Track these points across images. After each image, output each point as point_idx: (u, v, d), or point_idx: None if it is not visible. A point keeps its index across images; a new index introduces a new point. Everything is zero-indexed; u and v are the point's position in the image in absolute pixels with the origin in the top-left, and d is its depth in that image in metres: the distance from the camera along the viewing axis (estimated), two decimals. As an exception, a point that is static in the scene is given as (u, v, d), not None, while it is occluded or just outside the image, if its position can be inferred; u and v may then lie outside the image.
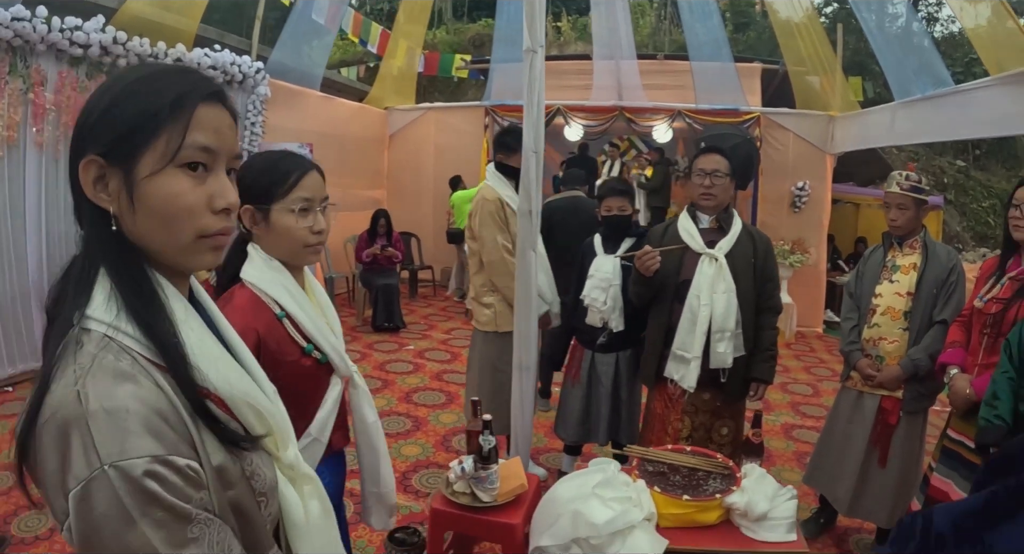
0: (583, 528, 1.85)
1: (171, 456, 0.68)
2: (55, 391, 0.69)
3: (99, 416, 0.66)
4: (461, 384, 5.06)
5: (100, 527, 0.64)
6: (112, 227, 0.77)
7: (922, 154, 13.09)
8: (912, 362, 2.66)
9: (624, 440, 3.17)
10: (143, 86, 0.77)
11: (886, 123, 6.27)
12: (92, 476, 0.64)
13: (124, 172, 0.75)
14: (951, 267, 2.67)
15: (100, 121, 0.76)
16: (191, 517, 0.68)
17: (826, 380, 5.82)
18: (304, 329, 1.44)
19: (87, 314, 0.74)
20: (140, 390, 0.70)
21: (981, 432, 1.97)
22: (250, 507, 0.82)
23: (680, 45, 12.70)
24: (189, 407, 0.74)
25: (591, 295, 3.08)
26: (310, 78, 7.28)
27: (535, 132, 2.60)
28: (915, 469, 2.76)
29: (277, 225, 1.44)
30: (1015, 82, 4.36)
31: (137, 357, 0.73)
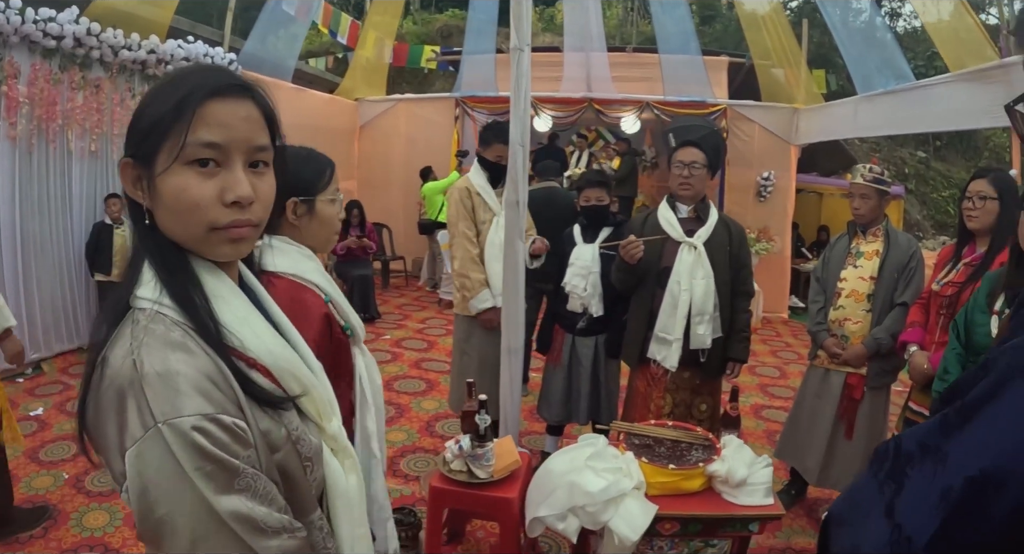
0: (579, 497, 1.97)
1: (219, 414, 0.74)
2: (112, 362, 0.76)
3: (152, 379, 0.72)
4: (440, 371, 5.18)
5: (155, 482, 0.70)
6: (146, 221, 0.83)
7: (884, 145, 13.49)
8: (875, 341, 2.85)
9: (604, 419, 3.32)
10: (161, 89, 0.83)
11: (849, 116, 6.48)
12: (147, 434, 0.70)
13: (147, 171, 0.81)
14: (911, 253, 2.86)
15: (131, 126, 0.84)
16: (238, 471, 0.74)
17: (792, 363, 6.05)
18: (341, 309, 1.54)
19: (137, 294, 0.81)
20: (190, 357, 0.76)
21: (934, 403, 2.13)
22: (296, 470, 0.87)
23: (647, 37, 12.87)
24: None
25: (572, 282, 3.21)
26: (282, 69, 7.26)
27: (521, 126, 2.69)
28: (879, 440, 2.94)
29: (322, 215, 1.54)
30: (973, 79, 4.57)
31: (187, 329, 0.79)
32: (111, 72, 5.04)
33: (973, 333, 2.08)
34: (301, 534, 0.82)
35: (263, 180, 0.86)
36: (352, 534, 1.00)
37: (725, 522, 2.10)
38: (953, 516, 0.64)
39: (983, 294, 2.11)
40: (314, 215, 1.54)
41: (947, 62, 5.23)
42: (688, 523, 2.09)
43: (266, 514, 0.76)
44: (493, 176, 3.30)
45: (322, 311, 1.47)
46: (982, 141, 14.67)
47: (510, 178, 2.77)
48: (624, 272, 2.85)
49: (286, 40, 7.59)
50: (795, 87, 7.71)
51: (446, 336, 6.19)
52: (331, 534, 0.96)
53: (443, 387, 4.83)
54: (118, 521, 2.91)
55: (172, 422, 0.70)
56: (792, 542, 2.98)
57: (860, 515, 0.77)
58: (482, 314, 3.25)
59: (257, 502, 0.75)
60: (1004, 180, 2.42)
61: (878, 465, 0.77)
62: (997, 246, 2.37)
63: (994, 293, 2.07)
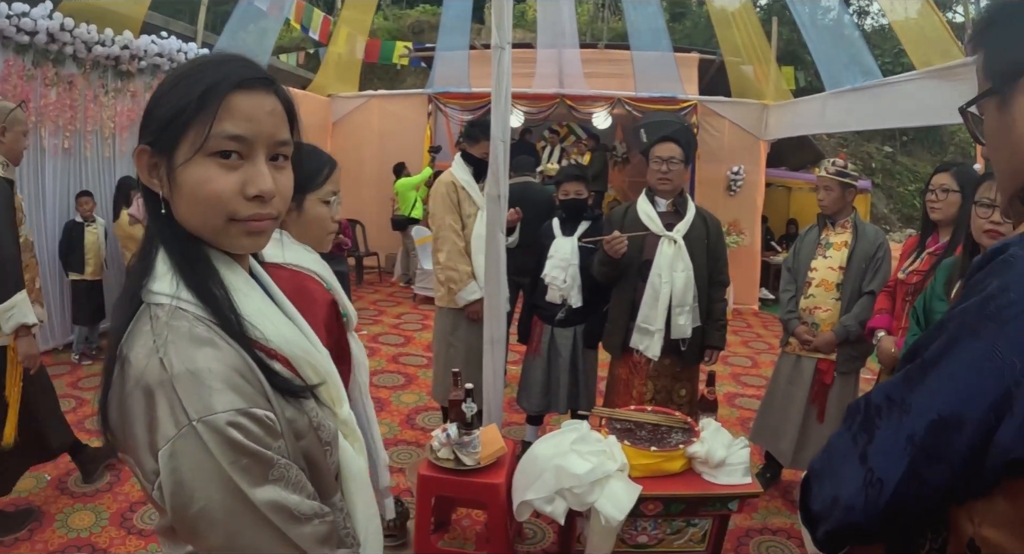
0: (566, 480, 2.04)
1: (252, 408, 0.74)
2: (135, 361, 0.75)
3: (184, 378, 0.72)
4: (418, 365, 5.21)
5: (190, 478, 0.70)
6: (163, 210, 0.83)
7: (851, 140, 13.80)
8: (844, 328, 2.97)
9: (583, 407, 3.40)
10: (184, 78, 0.81)
11: (817, 111, 6.63)
12: (181, 432, 0.70)
13: (167, 160, 0.80)
14: (878, 244, 2.99)
15: (149, 113, 0.83)
16: (272, 462, 0.75)
17: (763, 353, 6.20)
18: (338, 296, 1.58)
19: (151, 288, 0.80)
20: (218, 352, 0.76)
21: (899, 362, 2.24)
22: (318, 456, 0.88)
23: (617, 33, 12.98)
24: None
25: (551, 274, 3.27)
26: (255, 65, 7.18)
27: (503, 123, 2.75)
28: None
29: (309, 213, 1.54)
30: (939, 76, 4.72)
31: (210, 324, 0.79)
32: (84, 68, 4.98)
33: (932, 319, 2.19)
34: (330, 518, 0.83)
35: (283, 174, 0.86)
36: (367, 513, 1.02)
37: (706, 501, 2.19)
38: (918, 457, 0.71)
39: (940, 282, 2.22)
40: (301, 213, 1.54)
41: (913, 60, 5.38)
42: (671, 503, 2.16)
43: (299, 502, 0.77)
44: (477, 171, 3.35)
45: (327, 298, 1.50)
46: (947, 136, 15.09)
47: (491, 173, 2.82)
48: (607, 266, 2.93)
49: (258, 36, 7.52)
50: (764, 83, 7.86)
51: (422, 331, 6.22)
52: (348, 515, 0.99)
53: (422, 381, 4.87)
54: (104, 521, 2.89)
55: (207, 419, 0.70)
56: (768, 522, 3.08)
57: (836, 465, 0.83)
58: (470, 306, 3.30)
59: (290, 491, 0.76)
60: (966, 174, 2.54)
61: (851, 420, 0.84)
62: (959, 236, 2.48)
63: (951, 280, 2.18)
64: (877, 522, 0.76)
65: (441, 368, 3.51)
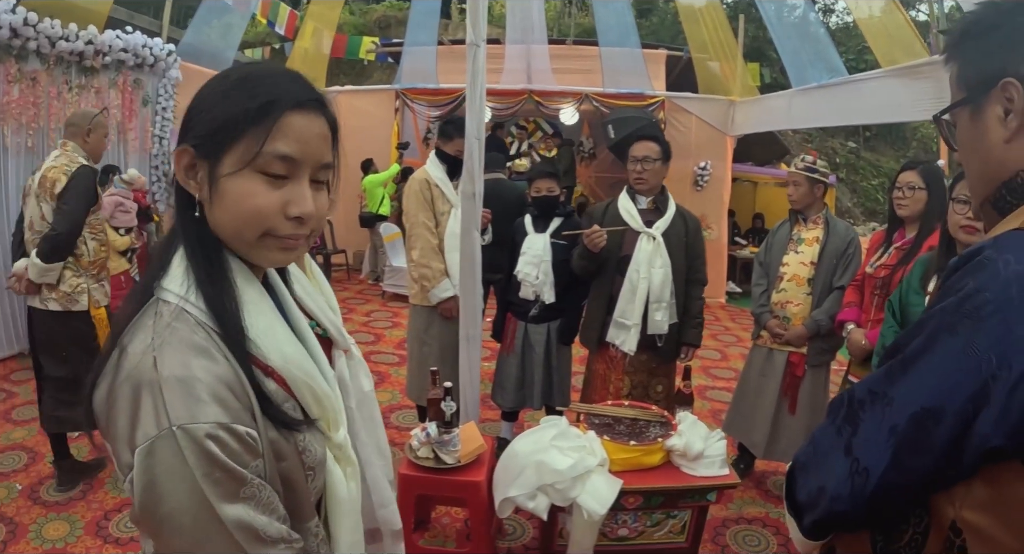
0: (547, 475, 2.05)
1: (234, 424, 0.73)
2: (132, 354, 0.75)
3: (172, 383, 0.72)
4: (390, 364, 5.18)
5: (162, 480, 0.70)
6: (196, 213, 0.83)
7: (816, 136, 14.08)
8: (815, 322, 3.04)
9: (557, 403, 3.43)
10: (240, 87, 0.81)
11: (783, 108, 6.74)
12: (160, 435, 0.70)
13: (210, 166, 0.80)
14: (849, 240, 3.06)
15: (198, 115, 0.82)
16: (246, 480, 0.74)
17: (732, 345, 6.29)
18: (305, 306, 1.53)
19: (163, 285, 0.81)
20: (212, 363, 0.76)
21: (880, 359, 2.30)
22: (298, 479, 0.87)
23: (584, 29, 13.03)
24: None
25: (524, 270, 3.28)
26: (222, 61, 7.06)
27: (477, 120, 2.74)
28: (821, 414, 3.13)
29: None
30: (904, 74, 4.83)
31: (210, 331, 0.79)
32: (48, 64, 4.83)
33: (908, 312, 2.25)
34: (298, 545, 0.82)
35: (321, 195, 0.87)
36: (351, 540, 1.01)
37: (685, 493, 2.22)
38: (902, 447, 0.74)
39: (916, 277, 2.28)
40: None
41: (878, 58, 5.50)
42: (651, 496, 2.19)
43: (267, 523, 0.76)
44: (451, 169, 3.34)
45: None
46: (910, 132, 15.52)
47: (466, 170, 2.81)
48: (586, 259, 2.95)
49: (224, 31, 7.39)
50: (731, 80, 7.95)
51: (392, 328, 6.18)
52: (326, 541, 0.97)
53: (394, 379, 4.84)
54: (79, 530, 2.81)
55: (187, 427, 0.70)
56: (744, 512, 3.14)
57: (821, 457, 0.86)
58: (443, 303, 3.29)
59: (260, 511, 0.76)
60: (932, 172, 2.61)
61: (835, 414, 0.88)
62: (925, 231, 2.56)
63: (927, 275, 2.24)
64: (863, 510, 0.79)
65: (416, 366, 3.49)
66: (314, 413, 0.91)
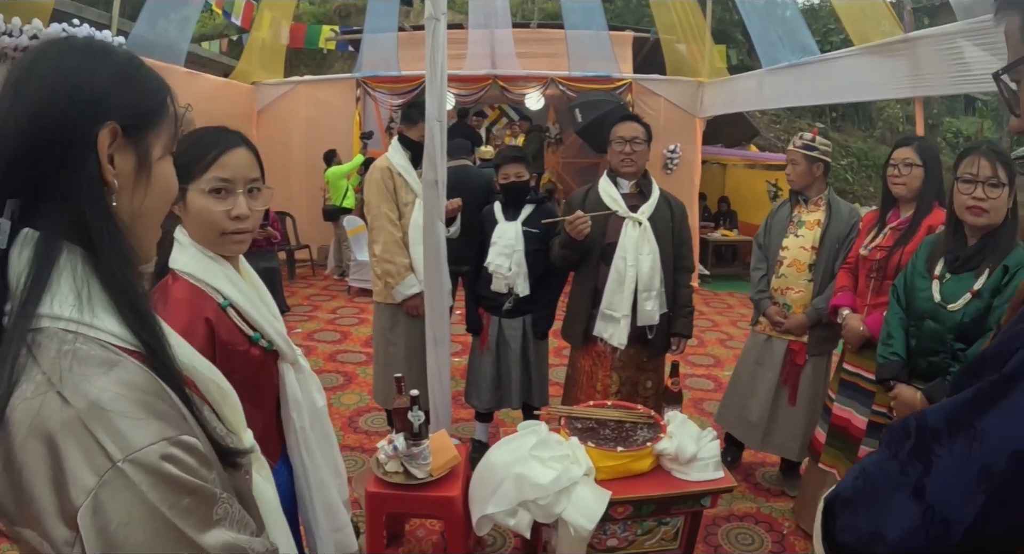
0: (529, 491, 1.86)
1: (182, 435, 0.62)
2: (20, 406, 0.59)
3: (95, 412, 0.58)
4: (357, 363, 4.97)
5: (124, 535, 0.56)
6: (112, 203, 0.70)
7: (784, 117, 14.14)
8: (816, 311, 2.88)
9: (536, 401, 3.25)
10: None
11: (754, 88, 6.63)
12: (104, 479, 0.56)
13: None
14: (852, 224, 2.88)
15: None
16: (215, 498, 0.64)
17: (708, 330, 6.18)
18: (249, 317, 1.33)
19: (44, 312, 0.63)
20: (127, 374, 0.63)
21: (881, 368, 2.17)
22: (245, 489, 0.80)
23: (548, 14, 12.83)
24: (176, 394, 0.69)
25: (495, 262, 3.08)
26: (174, 53, 6.75)
27: (438, 100, 2.52)
28: (820, 406, 2.98)
29: (192, 207, 1.29)
30: (876, 52, 4.75)
31: (107, 345, 0.64)
32: (-9, 60, 4.48)
33: (914, 298, 2.11)
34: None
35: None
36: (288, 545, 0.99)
37: (678, 500, 2.05)
38: (998, 495, 0.59)
39: (922, 260, 2.14)
40: (185, 207, 1.30)
41: (851, 36, 5.41)
42: (641, 505, 2.02)
43: (249, 541, 0.67)
44: (415, 156, 3.10)
45: (201, 317, 1.25)
46: (876, 112, 15.68)
47: (427, 156, 2.61)
48: (569, 249, 2.74)
49: (177, 22, 7.06)
50: (699, 61, 7.83)
51: (359, 325, 5.96)
52: None
53: (362, 379, 4.62)
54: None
55: (135, 457, 0.57)
56: (734, 508, 3.00)
57: (879, 498, 0.71)
58: (408, 300, 3.07)
59: (238, 529, 0.66)
60: (928, 148, 2.46)
61: (897, 444, 0.71)
62: (923, 210, 2.41)
63: (933, 258, 2.10)
64: None
65: (381, 368, 3.28)
66: (225, 414, 0.84)
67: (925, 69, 4.27)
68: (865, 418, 2.49)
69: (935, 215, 2.39)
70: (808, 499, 2.82)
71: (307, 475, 1.45)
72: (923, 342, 2.08)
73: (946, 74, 4.10)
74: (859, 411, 2.52)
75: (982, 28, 3.69)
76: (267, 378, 1.38)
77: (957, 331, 1.98)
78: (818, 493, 2.73)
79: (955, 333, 1.98)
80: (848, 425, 2.57)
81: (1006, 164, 1.91)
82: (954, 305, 1.98)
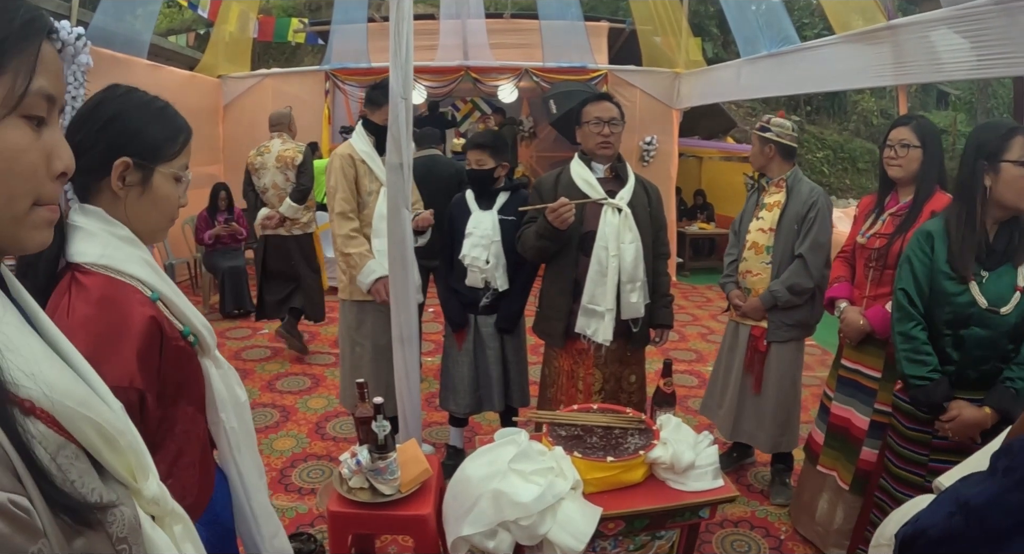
0: (509, 510, 1.64)
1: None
2: None
3: None
4: (325, 364, 4.76)
5: None
6: None
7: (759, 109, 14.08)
8: (770, 294, 2.77)
9: (517, 402, 3.06)
10: None
11: (732, 79, 6.49)
12: None
13: None
14: (811, 203, 2.74)
15: None
16: None
17: (689, 325, 6.03)
18: (175, 309, 1.14)
19: None
20: None
21: (925, 392, 1.90)
22: None
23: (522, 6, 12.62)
24: None
25: (472, 254, 2.87)
26: (137, 45, 6.43)
27: (403, 76, 2.30)
28: (793, 397, 2.88)
29: (158, 192, 1.14)
30: (858, 40, 4.63)
31: None
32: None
33: (946, 303, 1.88)
34: None
35: None
36: None
37: (674, 513, 1.85)
38: None
39: (942, 260, 1.90)
40: (147, 189, 1.13)
41: (832, 23, 5.30)
42: (634, 520, 1.81)
43: None
44: (380, 141, 2.87)
45: (145, 314, 1.06)
46: (851, 105, 15.74)
47: (391, 137, 2.39)
48: (549, 239, 2.50)
49: (140, 13, 6.71)
50: (676, 52, 7.68)
51: (328, 325, 5.69)
52: None
53: (330, 381, 4.39)
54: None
55: None
56: (728, 513, 2.82)
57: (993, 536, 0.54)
58: (374, 285, 2.84)
59: None
60: (926, 127, 2.28)
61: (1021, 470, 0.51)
62: (924, 194, 2.24)
63: (955, 256, 1.86)
64: None
65: (348, 371, 3.06)
66: (106, 459, 0.66)
67: (907, 57, 4.17)
68: (867, 418, 2.33)
69: (937, 199, 2.21)
70: (805, 503, 2.66)
71: (242, 480, 1.30)
72: (970, 352, 1.86)
73: (928, 62, 3.99)
74: (860, 411, 2.36)
75: (966, 15, 3.58)
76: (198, 375, 1.20)
77: (1011, 334, 1.80)
78: (816, 497, 2.58)
79: (1008, 337, 1.80)
80: (848, 425, 2.40)
81: None
82: (1006, 308, 1.78)
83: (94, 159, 1.08)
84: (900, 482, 2.06)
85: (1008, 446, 0.59)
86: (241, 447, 1.31)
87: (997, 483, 0.56)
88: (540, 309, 2.74)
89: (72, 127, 1.09)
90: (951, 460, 1.63)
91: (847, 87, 6.23)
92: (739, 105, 12.76)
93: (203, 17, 8.35)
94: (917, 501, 0.97)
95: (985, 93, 15.04)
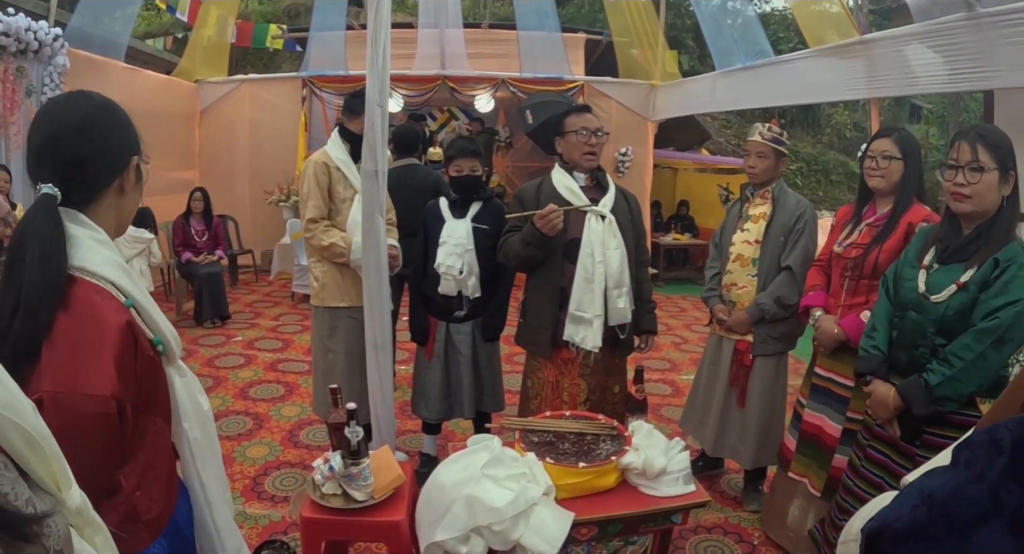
0: (482, 515, 1.65)
1: None
2: None
3: None
4: (298, 372, 4.71)
5: None
6: None
7: (734, 122, 14.28)
8: (758, 307, 2.76)
9: (489, 408, 3.06)
10: None
11: (707, 91, 6.60)
12: None
13: None
14: (798, 215, 2.76)
15: None
16: None
17: (663, 334, 6.06)
18: (147, 316, 1.12)
19: None
20: None
21: (860, 361, 2.05)
22: None
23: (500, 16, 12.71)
24: None
25: (446, 262, 2.87)
26: (114, 47, 6.37)
27: (380, 82, 2.31)
28: (776, 411, 2.88)
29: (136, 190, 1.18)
30: (832, 54, 4.73)
31: None
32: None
33: (900, 287, 1.98)
34: None
35: None
36: None
37: (647, 518, 1.87)
38: None
39: (915, 248, 2.01)
40: (139, 181, 1.18)
41: (806, 38, 5.39)
42: (607, 525, 1.83)
43: None
44: (355, 149, 2.87)
45: (121, 320, 1.03)
46: (824, 119, 16.03)
47: (367, 144, 2.39)
48: (536, 246, 2.50)
49: (118, 15, 6.65)
50: (652, 64, 7.79)
51: (302, 332, 5.67)
52: None
53: (304, 389, 4.35)
54: None
55: None
56: (701, 519, 2.84)
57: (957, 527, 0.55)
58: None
59: None
60: (908, 140, 2.32)
61: (983, 461, 0.53)
62: (902, 206, 2.28)
63: (925, 247, 1.97)
64: None
65: (321, 378, 3.04)
66: (32, 467, 0.64)
67: (880, 71, 4.27)
68: (839, 426, 2.36)
69: (914, 211, 2.26)
70: (776, 508, 2.69)
71: (205, 492, 1.25)
72: (904, 335, 1.94)
73: (901, 75, 4.09)
74: (832, 418, 2.40)
75: (938, 30, 3.67)
76: (162, 386, 1.17)
77: (939, 324, 1.84)
78: (787, 503, 2.61)
79: (936, 326, 1.84)
80: (820, 432, 2.44)
81: (995, 148, 1.77)
82: (938, 297, 1.84)
83: (106, 166, 1.09)
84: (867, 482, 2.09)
85: (969, 439, 0.61)
86: (205, 458, 1.26)
87: (959, 475, 0.58)
88: (524, 319, 2.72)
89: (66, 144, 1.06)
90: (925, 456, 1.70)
91: (821, 100, 6.36)
92: (714, 117, 12.94)
93: (181, 21, 8.31)
94: (883, 497, 0.99)
95: (957, 107, 15.32)
